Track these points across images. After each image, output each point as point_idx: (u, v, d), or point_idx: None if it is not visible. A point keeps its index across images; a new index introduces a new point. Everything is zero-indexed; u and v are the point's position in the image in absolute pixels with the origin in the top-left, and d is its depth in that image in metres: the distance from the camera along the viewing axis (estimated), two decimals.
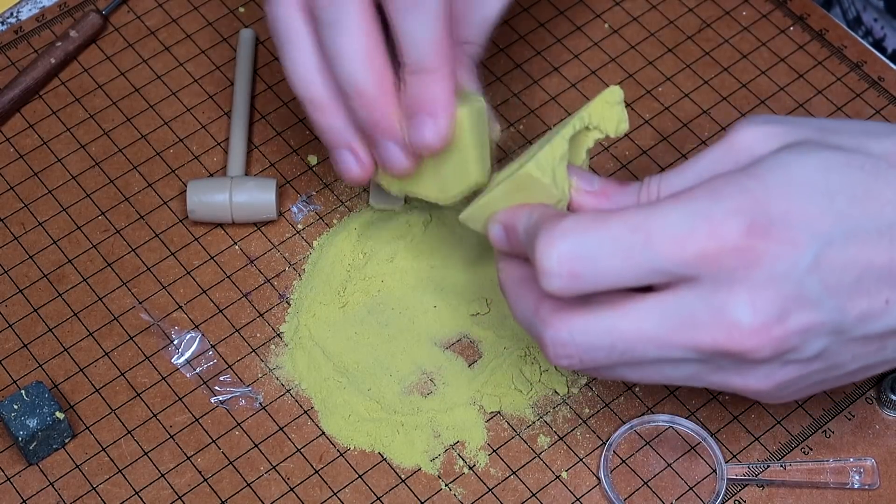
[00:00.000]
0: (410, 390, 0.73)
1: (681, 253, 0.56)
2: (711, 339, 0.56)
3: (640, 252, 0.56)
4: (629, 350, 0.58)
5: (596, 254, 0.57)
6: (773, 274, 0.55)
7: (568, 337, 0.59)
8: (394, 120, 0.66)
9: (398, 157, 0.67)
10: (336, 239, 0.77)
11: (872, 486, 0.69)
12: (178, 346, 0.74)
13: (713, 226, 0.56)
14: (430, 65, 0.64)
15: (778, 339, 0.56)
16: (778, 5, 0.87)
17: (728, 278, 0.56)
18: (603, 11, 0.87)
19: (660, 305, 0.57)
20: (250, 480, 0.70)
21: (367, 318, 0.75)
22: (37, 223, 0.79)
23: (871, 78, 0.83)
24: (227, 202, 0.77)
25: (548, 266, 0.57)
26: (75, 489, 0.70)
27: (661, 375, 0.60)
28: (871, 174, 0.58)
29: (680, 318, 0.57)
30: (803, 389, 0.61)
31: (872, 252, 0.57)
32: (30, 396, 0.70)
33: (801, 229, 0.56)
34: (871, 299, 0.57)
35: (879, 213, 0.57)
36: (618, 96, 0.64)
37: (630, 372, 0.60)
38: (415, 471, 0.70)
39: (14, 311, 0.76)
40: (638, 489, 0.70)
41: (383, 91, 0.65)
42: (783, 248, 0.55)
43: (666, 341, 0.57)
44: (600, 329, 0.58)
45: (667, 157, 0.81)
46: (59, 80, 0.85)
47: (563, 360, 0.59)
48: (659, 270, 0.56)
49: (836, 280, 0.56)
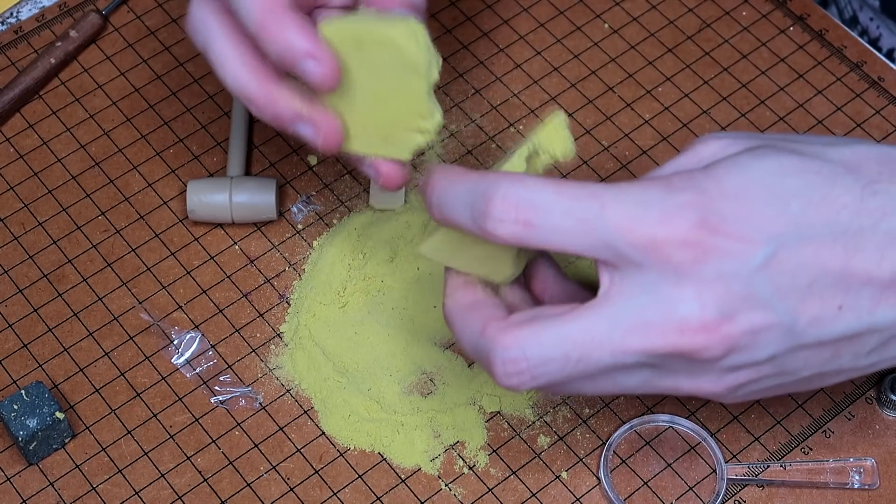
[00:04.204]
0: (410, 390, 0.73)
1: (631, 233, 0.55)
2: (663, 339, 0.56)
3: (594, 220, 0.56)
4: (583, 359, 0.57)
5: (551, 207, 0.56)
6: (722, 271, 0.55)
7: (519, 353, 0.57)
8: (290, 105, 0.66)
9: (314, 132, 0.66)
10: (336, 239, 0.77)
11: (872, 486, 0.69)
12: (178, 346, 0.74)
13: (664, 214, 0.55)
14: (258, 23, 0.64)
15: (726, 338, 0.56)
16: (778, 5, 0.87)
17: (675, 272, 0.55)
18: (603, 11, 0.87)
19: (609, 308, 0.57)
20: (250, 480, 0.70)
21: (367, 318, 0.75)
22: (37, 223, 0.79)
23: (871, 78, 0.83)
24: (227, 202, 0.77)
25: (502, 210, 0.56)
26: (75, 489, 0.70)
27: (614, 385, 0.59)
28: (827, 179, 0.57)
29: (630, 318, 0.56)
30: (759, 392, 0.60)
31: (826, 256, 0.56)
32: (30, 396, 0.70)
33: (753, 229, 0.56)
34: (824, 304, 0.57)
35: (835, 218, 0.57)
36: (562, 122, 0.64)
37: (582, 385, 0.59)
38: (415, 471, 0.70)
39: (14, 311, 0.76)
40: (638, 489, 0.70)
41: (267, 88, 0.66)
42: (733, 245, 0.55)
43: (620, 345, 0.56)
44: (552, 340, 0.57)
45: (667, 157, 0.80)
46: (59, 80, 0.85)
47: (514, 378, 0.58)
48: (608, 245, 0.56)
49: (788, 283, 0.56)
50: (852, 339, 0.58)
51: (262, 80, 0.66)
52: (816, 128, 0.81)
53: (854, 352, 0.59)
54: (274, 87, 0.66)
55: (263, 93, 0.66)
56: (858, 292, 0.57)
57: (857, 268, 0.56)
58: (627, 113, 0.83)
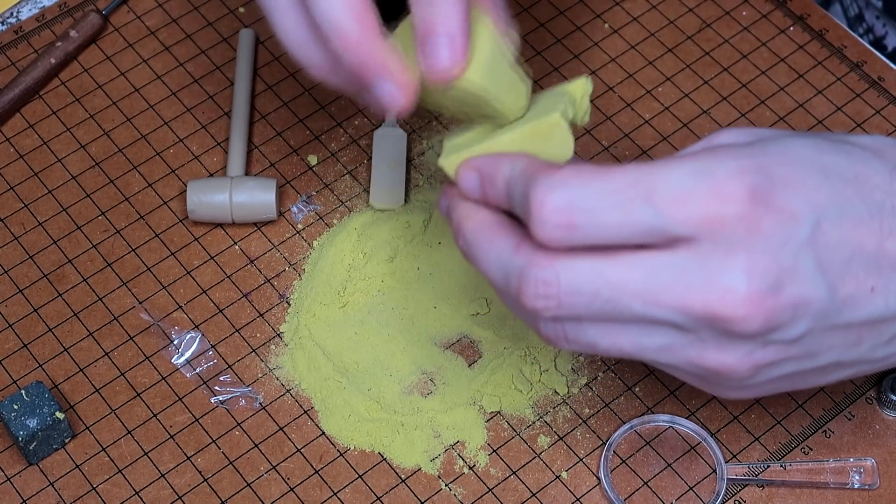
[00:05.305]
0: (410, 390, 0.73)
1: (682, 212, 0.55)
2: (703, 302, 0.55)
3: (641, 208, 0.55)
4: (613, 300, 0.56)
5: (596, 205, 0.55)
6: (772, 243, 0.55)
7: (552, 275, 0.56)
8: (381, 56, 0.61)
9: (395, 97, 0.61)
10: (336, 239, 0.77)
11: (872, 486, 0.69)
12: (178, 346, 0.74)
13: (716, 185, 0.55)
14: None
15: (770, 311, 0.55)
16: (778, 5, 0.87)
17: (727, 242, 0.55)
18: (603, 11, 0.87)
19: (653, 260, 0.55)
20: (250, 480, 0.70)
21: (367, 318, 0.75)
22: (37, 223, 0.79)
23: (871, 78, 0.83)
24: (227, 202, 0.77)
25: (546, 213, 0.55)
26: (75, 489, 0.70)
27: (632, 343, 0.58)
28: (860, 159, 0.58)
29: (673, 275, 0.55)
30: (773, 382, 0.59)
31: (864, 234, 0.56)
32: (30, 396, 0.70)
33: (799, 199, 0.55)
34: (859, 283, 0.56)
35: (870, 196, 0.57)
36: (589, 88, 0.63)
37: (602, 334, 0.58)
38: (415, 471, 0.70)
39: (14, 311, 0.76)
40: (638, 489, 0.70)
41: (364, 28, 0.60)
42: (783, 217, 0.55)
43: (654, 297, 0.55)
44: (588, 272, 0.56)
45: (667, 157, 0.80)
46: (59, 80, 0.85)
47: (541, 300, 0.57)
48: (658, 229, 0.55)
49: (829, 257, 0.56)
50: (876, 325, 0.58)
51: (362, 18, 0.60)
52: (816, 128, 0.81)
53: (874, 340, 0.59)
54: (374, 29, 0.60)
55: (359, 29, 0.60)
56: (889, 276, 0.57)
57: (889, 250, 0.57)
58: (627, 113, 0.83)
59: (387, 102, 0.61)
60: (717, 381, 0.59)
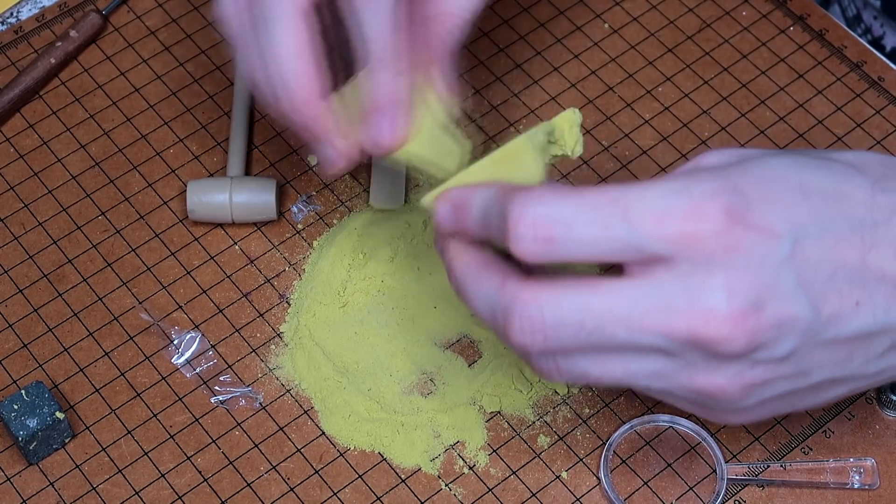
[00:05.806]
0: (410, 390, 0.73)
1: (658, 230, 0.55)
2: (685, 324, 0.55)
3: (618, 224, 0.55)
4: (598, 329, 0.56)
5: (572, 220, 0.55)
6: (751, 261, 0.55)
7: (537, 310, 0.56)
8: (322, 122, 0.65)
9: (333, 160, 0.66)
10: (336, 239, 0.77)
11: (872, 486, 0.69)
12: (178, 346, 0.74)
13: (692, 204, 0.55)
14: (381, 62, 0.63)
15: (753, 330, 0.55)
16: (778, 5, 0.87)
17: (705, 261, 0.55)
18: (603, 11, 0.87)
19: (634, 286, 0.56)
20: (250, 480, 0.70)
21: (367, 318, 0.75)
22: (37, 223, 0.79)
23: (871, 78, 0.83)
24: (227, 202, 0.77)
25: (522, 228, 0.56)
26: (75, 489, 0.70)
27: (623, 370, 0.58)
28: (841, 175, 0.58)
29: (654, 300, 0.55)
30: (769, 403, 0.59)
31: (845, 250, 0.56)
32: (30, 396, 0.70)
33: (778, 216, 0.55)
34: (843, 298, 0.56)
35: (851, 211, 0.57)
36: (577, 118, 0.64)
37: (592, 363, 0.58)
38: (415, 471, 0.70)
39: (14, 311, 0.76)
40: (638, 489, 0.70)
41: (310, 92, 0.64)
42: (762, 235, 0.55)
43: (638, 323, 0.55)
44: (571, 303, 0.56)
45: (667, 157, 0.81)
46: (59, 80, 0.85)
47: (528, 335, 0.57)
48: (635, 246, 0.55)
49: (811, 275, 0.56)
50: (866, 339, 0.58)
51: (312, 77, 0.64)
52: (816, 128, 0.81)
53: (865, 354, 0.58)
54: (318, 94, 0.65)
55: (305, 92, 0.64)
56: (874, 289, 0.57)
57: (872, 263, 0.57)
58: (627, 113, 0.83)
59: (324, 163, 0.67)
60: (712, 404, 0.59)
